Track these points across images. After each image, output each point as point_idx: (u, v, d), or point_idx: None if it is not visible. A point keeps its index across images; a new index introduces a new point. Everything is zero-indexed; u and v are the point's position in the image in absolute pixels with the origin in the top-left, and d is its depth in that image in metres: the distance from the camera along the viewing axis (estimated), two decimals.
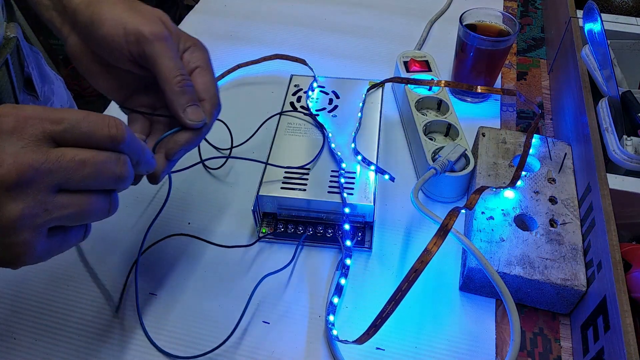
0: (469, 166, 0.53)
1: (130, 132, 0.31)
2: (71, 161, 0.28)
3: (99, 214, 0.31)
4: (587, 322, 0.42)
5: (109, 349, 0.44)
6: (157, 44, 0.36)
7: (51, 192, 0.28)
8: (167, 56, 0.36)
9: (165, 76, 0.36)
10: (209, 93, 0.39)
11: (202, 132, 0.38)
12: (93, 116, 0.29)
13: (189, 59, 0.39)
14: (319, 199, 0.49)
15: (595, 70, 0.57)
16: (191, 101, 0.37)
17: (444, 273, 0.49)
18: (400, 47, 0.75)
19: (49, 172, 0.27)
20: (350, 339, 0.42)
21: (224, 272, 0.49)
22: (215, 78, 0.40)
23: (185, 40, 0.40)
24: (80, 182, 0.29)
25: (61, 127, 0.28)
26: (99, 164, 0.29)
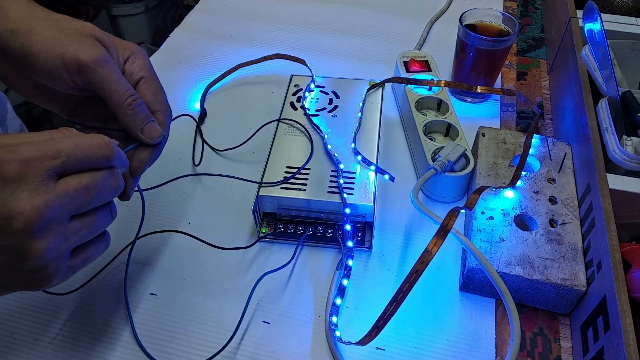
0: (469, 166, 0.53)
1: (114, 143, 0.32)
2: (77, 190, 0.30)
3: (105, 224, 0.34)
4: (587, 322, 0.42)
5: (110, 348, 0.44)
6: (99, 70, 0.35)
7: (66, 221, 0.30)
8: (112, 80, 0.36)
9: (114, 101, 0.36)
10: (159, 103, 0.39)
11: (161, 144, 0.39)
12: (83, 141, 0.30)
13: (131, 69, 0.39)
14: (319, 199, 0.49)
15: (595, 70, 0.57)
16: (146, 119, 0.38)
17: (444, 273, 0.49)
18: (400, 47, 0.75)
19: (62, 206, 0.29)
20: (351, 339, 0.42)
21: (224, 272, 0.49)
22: (160, 84, 0.40)
23: (123, 50, 0.39)
24: (88, 205, 0.31)
25: (60, 161, 0.29)
26: (100, 184, 0.31)
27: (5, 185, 0.28)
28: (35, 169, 0.28)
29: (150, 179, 0.56)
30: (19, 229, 0.28)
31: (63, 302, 0.47)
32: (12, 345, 0.44)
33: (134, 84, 0.39)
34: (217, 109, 0.67)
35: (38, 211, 0.28)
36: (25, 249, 0.29)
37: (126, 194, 0.38)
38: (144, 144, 0.38)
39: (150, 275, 0.49)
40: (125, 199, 0.38)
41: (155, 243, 0.52)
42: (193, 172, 0.59)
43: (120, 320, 0.46)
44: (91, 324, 0.45)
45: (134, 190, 0.39)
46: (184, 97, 0.69)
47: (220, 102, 0.69)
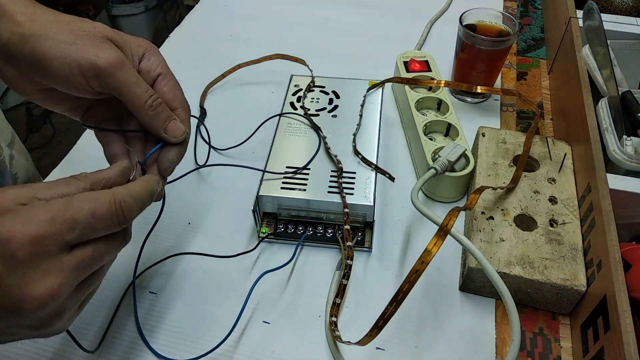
0: (469, 166, 0.53)
1: (134, 201, 0.31)
2: (91, 259, 0.29)
3: (107, 270, 0.34)
4: (587, 322, 0.42)
5: (111, 348, 0.44)
6: (117, 74, 0.34)
7: (76, 287, 0.30)
8: (131, 83, 0.35)
9: (135, 104, 0.36)
10: (178, 100, 0.38)
11: (186, 141, 0.39)
12: (101, 209, 0.29)
13: (148, 67, 0.38)
14: (319, 199, 0.49)
15: (595, 70, 0.57)
16: (168, 119, 0.37)
17: (444, 273, 0.49)
18: (400, 47, 0.75)
19: (75, 278, 0.29)
20: (350, 338, 0.42)
21: (225, 272, 0.49)
22: (177, 81, 0.40)
23: (137, 48, 0.38)
24: (96, 268, 0.31)
25: (75, 235, 0.28)
26: (112, 250, 0.31)
27: (17, 267, 0.26)
28: (48, 247, 0.27)
29: None
30: (32, 310, 0.27)
31: None
32: (12, 345, 0.44)
33: (152, 82, 0.38)
34: (217, 109, 0.67)
35: (52, 294, 0.27)
36: (39, 324, 0.28)
37: (160, 196, 0.38)
38: (169, 143, 0.38)
39: (151, 274, 0.49)
40: (158, 200, 0.38)
41: (156, 243, 0.52)
42: (195, 172, 0.59)
43: (126, 322, 0.46)
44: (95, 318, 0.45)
45: (163, 190, 0.39)
46: (185, 97, 0.69)
47: (220, 102, 0.69)
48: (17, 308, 0.26)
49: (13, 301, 0.26)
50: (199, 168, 0.59)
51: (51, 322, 0.29)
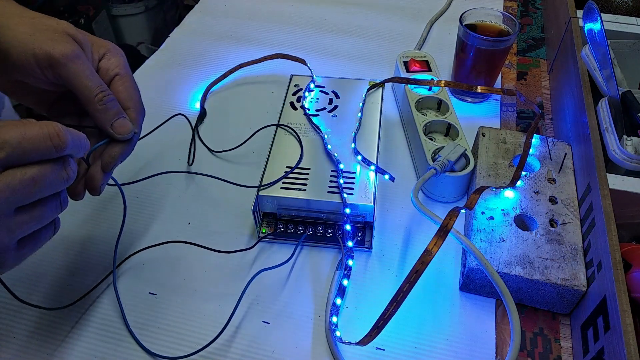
0: (469, 166, 0.53)
1: (69, 133, 0.31)
2: (21, 183, 0.29)
3: (53, 215, 0.33)
4: (587, 322, 0.42)
5: (110, 348, 0.44)
6: (70, 65, 0.35)
7: (10, 214, 0.29)
8: (83, 75, 0.36)
9: (85, 96, 0.36)
10: (132, 100, 0.39)
11: (133, 141, 0.39)
12: (32, 130, 0.29)
13: (107, 66, 0.39)
14: (319, 199, 0.49)
15: (595, 70, 0.57)
16: (116, 115, 0.37)
17: (444, 273, 0.49)
18: (400, 47, 0.75)
19: (4, 200, 0.28)
20: (351, 339, 0.42)
21: (225, 272, 0.49)
22: (135, 83, 0.40)
23: (99, 47, 0.39)
24: (34, 197, 0.30)
25: (4, 154, 0.28)
26: (47, 177, 0.30)
27: None
28: None
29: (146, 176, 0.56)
30: None
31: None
32: (12, 345, 0.44)
33: (109, 81, 0.39)
34: (217, 109, 0.67)
35: None
36: None
37: (96, 188, 0.38)
38: (115, 140, 0.38)
39: (151, 274, 0.49)
40: (95, 193, 0.38)
41: (156, 253, 0.52)
42: (187, 171, 0.59)
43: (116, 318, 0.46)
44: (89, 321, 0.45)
45: (104, 185, 0.39)
46: (184, 97, 0.69)
47: (220, 102, 0.69)
48: None
49: None
50: (189, 173, 0.59)
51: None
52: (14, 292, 0.41)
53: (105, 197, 0.56)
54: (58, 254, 0.50)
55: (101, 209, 0.55)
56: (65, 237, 0.52)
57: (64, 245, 0.51)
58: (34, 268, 0.49)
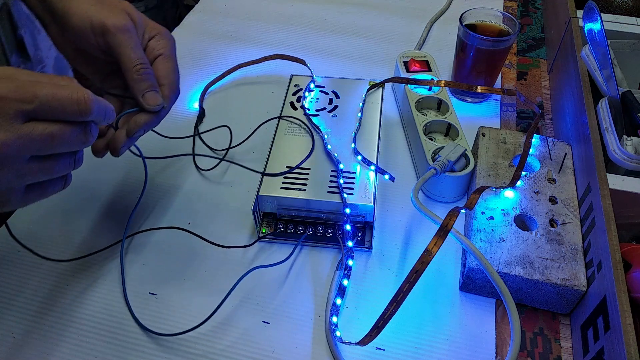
0: (469, 166, 0.53)
1: (96, 100, 0.34)
2: (40, 136, 0.31)
3: (66, 171, 0.36)
4: (587, 322, 0.42)
5: (110, 349, 0.44)
6: (119, 35, 0.40)
7: (24, 161, 0.32)
8: (129, 46, 0.40)
9: (126, 65, 0.40)
10: (168, 79, 0.42)
11: (160, 115, 0.42)
12: (64, 93, 0.32)
13: (154, 46, 0.42)
14: (319, 199, 0.49)
15: (595, 70, 0.57)
16: (150, 87, 0.41)
17: (444, 273, 0.49)
18: (400, 47, 0.75)
19: (20, 147, 0.31)
20: (351, 339, 0.42)
21: (224, 272, 0.49)
22: (176, 65, 0.44)
23: (151, 29, 0.43)
24: (49, 151, 0.33)
25: (32, 106, 0.31)
26: (66, 136, 0.33)
27: None
28: (5, 107, 0.30)
29: (153, 177, 0.56)
30: None
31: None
32: (12, 345, 0.44)
33: (152, 59, 0.42)
34: (216, 109, 0.67)
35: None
36: None
37: (117, 150, 0.41)
38: (144, 110, 0.41)
39: (150, 274, 0.49)
40: (115, 155, 0.41)
41: (156, 242, 0.52)
42: (196, 173, 0.59)
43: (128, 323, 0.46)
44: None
45: (125, 149, 0.42)
46: (183, 96, 0.69)
47: (219, 102, 0.69)
48: None
49: None
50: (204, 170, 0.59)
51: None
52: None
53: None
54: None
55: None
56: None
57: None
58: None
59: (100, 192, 0.56)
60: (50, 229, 0.53)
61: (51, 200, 0.40)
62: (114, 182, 0.57)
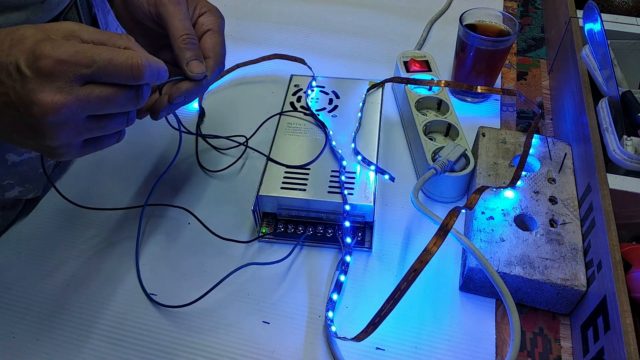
0: (469, 166, 0.53)
1: (149, 66, 0.35)
2: (97, 98, 0.34)
3: (119, 128, 0.38)
4: (587, 322, 0.42)
5: (110, 348, 0.44)
6: (170, 6, 0.42)
7: (82, 120, 0.34)
8: (178, 17, 0.42)
9: (173, 33, 0.42)
10: (213, 52, 0.44)
11: (202, 84, 0.43)
12: (120, 58, 0.34)
13: (203, 22, 0.44)
14: (319, 199, 0.49)
15: (595, 70, 0.57)
16: (194, 56, 0.42)
17: (444, 273, 0.49)
18: (400, 47, 0.75)
19: (79, 108, 0.33)
20: (349, 337, 0.42)
21: (223, 271, 0.49)
22: (223, 41, 0.46)
23: (203, 6, 0.45)
24: (104, 111, 0.35)
25: (90, 71, 0.33)
26: (121, 100, 0.35)
27: (38, 77, 0.32)
28: (66, 71, 0.32)
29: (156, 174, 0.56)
30: (37, 115, 0.32)
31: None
32: (11, 344, 0.44)
33: (201, 34, 0.44)
34: (216, 109, 0.67)
35: (55, 107, 0.32)
36: (41, 132, 0.33)
37: (156, 112, 0.42)
38: (188, 78, 0.42)
39: (150, 275, 0.49)
40: (154, 117, 0.43)
41: (156, 242, 0.52)
42: (200, 169, 0.59)
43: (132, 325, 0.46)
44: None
45: (165, 114, 0.43)
46: None
47: (219, 101, 0.69)
48: (27, 106, 0.32)
49: (27, 101, 0.32)
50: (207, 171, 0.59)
51: (50, 134, 0.34)
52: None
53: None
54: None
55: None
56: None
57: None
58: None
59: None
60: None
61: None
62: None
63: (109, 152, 0.45)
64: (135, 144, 0.62)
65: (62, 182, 0.58)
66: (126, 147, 0.60)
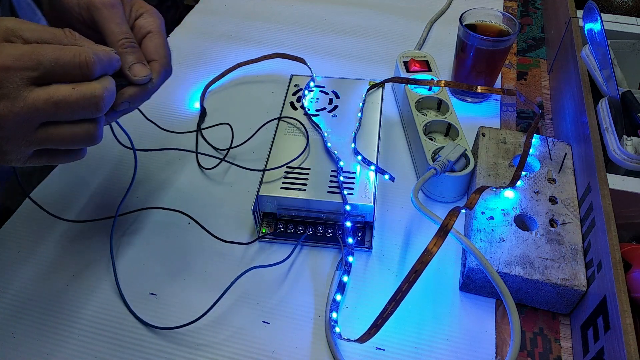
0: (469, 166, 0.53)
1: (99, 60, 0.34)
2: (45, 104, 0.32)
3: (80, 143, 0.36)
4: (587, 322, 0.42)
5: (110, 348, 0.44)
6: (104, 10, 0.39)
7: (32, 129, 0.33)
8: (114, 21, 0.39)
9: (110, 39, 0.39)
10: (158, 54, 0.41)
11: (147, 89, 0.41)
12: (65, 56, 0.32)
13: (142, 24, 0.42)
14: (319, 199, 0.49)
15: (595, 70, 0.57)
16: (136, 60, 0.40)
17: (444, 273, 0.49)
18: (400, 47, 0.75)
19: (27, 115, 0.32)
20: (351, 338, 0.42)
21: (224, 272, 0.49)
22: (166, 42, 0.43)
23: (139, 7, 0.42)
24: (56, 118, 0.33)
25: (37, 73, 0.31)
26: (73, 102, 0.33)
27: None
28: (11, 77, 0.31)
29: (154, 175, 0.56)
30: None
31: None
32: (11, 344, 0.44)
33: (141, 37, 0.41)
34: (217, 109, 0.67)
35: (2, 117, 0.31)
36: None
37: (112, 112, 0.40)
38: (132, 83, 0.40)
39: (151, 275, 0.49)
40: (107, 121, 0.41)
41: (156, 241, 0.52)
42: (197, 171, 0.59)
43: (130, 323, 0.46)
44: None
45: (109, 121, 0.41)
46: (183, 97, 0.69)
47: (220, 101, 0.69)
48: None
49: None
50: (208, 168, 0.59)
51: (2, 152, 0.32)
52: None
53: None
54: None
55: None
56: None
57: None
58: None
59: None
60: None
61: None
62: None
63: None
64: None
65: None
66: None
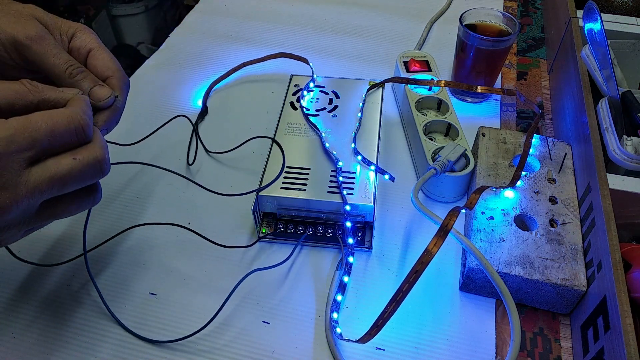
0: (469, 166, 0.53)
1: (87, 115, 0.32)
2: (50, 183, 0.30)
3: (88, 205, 0.34)
4: (587, 322, 0.42)
5: (111, 348, 0.44)
6: (34, 46, 0.35)
7: (32, 211, 0.30)
8: (50, 54, 0.36)
9: (55, 74, 0.36)
10: (110, 69, 0.38)
11: (117, 108, 0.38)
12: (60, 126, 0.30)
13: (78, 45, 0.38)
14: (319, 199, 0.49)
15: (595, 70, 0.57)
16: (92, 83, 0.37)
17: (444, 273, 0.49)
18: (400, 47, 0.75)
19: (31, 199, 0.29)
20: (351, 338, 0.42)
21: (224, 272, 0.49)
22: (110, 54, 0.40)
23: (68, 28, 0.39)
24: (62, 192, 0.31)
25: (33, 152, 0.29)
26: (77, 174, 0.31)
27: None
28: (7, 165, 0.28)
29: (145, 177, 0.56)
30: None
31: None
32: (11, 344, 0.44)
33: (84, 58, 0.38)
34: (218, 108, 0.67)
35: (5, 209, 0.28)
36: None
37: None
38: (99, 109, 0.37)
39: (150, 275, 0.49)
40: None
41: (156, 242, 0.52)
42: (186, 172, 0.59)
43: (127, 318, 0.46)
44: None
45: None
46: (184, 97, 0.69)
47: (221, 101, 0.69)
48: None
49: None
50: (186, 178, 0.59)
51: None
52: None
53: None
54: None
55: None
56: None
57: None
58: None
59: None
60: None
61: None
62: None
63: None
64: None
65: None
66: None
